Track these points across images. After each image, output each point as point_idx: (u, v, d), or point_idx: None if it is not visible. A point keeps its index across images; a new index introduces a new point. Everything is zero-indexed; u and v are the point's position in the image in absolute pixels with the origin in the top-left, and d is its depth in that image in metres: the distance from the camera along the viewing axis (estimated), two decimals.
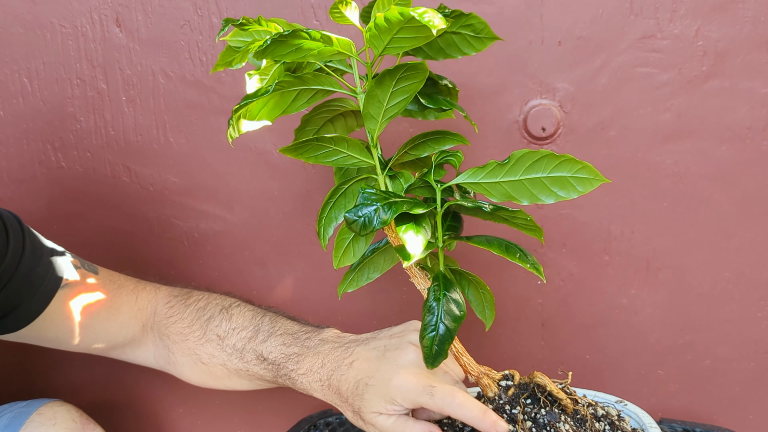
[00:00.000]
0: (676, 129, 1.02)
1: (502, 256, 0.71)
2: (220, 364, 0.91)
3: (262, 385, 0.93)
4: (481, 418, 0.72)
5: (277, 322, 0.91)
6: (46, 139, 1.11)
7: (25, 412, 0.89)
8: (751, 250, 1.05)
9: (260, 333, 0.90)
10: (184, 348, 0.93)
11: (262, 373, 0.89)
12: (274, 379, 0.89)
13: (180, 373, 0.96)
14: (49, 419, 0.88)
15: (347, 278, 0.81)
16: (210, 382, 0.95)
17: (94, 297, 0.92)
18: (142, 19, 1.07)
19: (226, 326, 0.91)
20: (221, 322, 0.92)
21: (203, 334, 0.92)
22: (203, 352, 0.92)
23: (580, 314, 1.10)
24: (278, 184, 1.10)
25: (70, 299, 0.89)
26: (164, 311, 0.95)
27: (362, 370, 0.80)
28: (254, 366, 0.89)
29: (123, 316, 0.94)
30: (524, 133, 1.04)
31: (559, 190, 0.68)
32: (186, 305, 0.95)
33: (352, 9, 0.69)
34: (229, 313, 0.93)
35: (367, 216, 0.67)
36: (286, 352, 0.87)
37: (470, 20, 0.70)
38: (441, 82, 0.77)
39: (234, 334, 0.91)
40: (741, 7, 0.98)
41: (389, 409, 0.77)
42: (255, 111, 0.68)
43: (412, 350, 0.78)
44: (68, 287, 0.89)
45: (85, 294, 0.91)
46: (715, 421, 1.11)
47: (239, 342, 0.90)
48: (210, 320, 0.92)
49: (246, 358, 0.90)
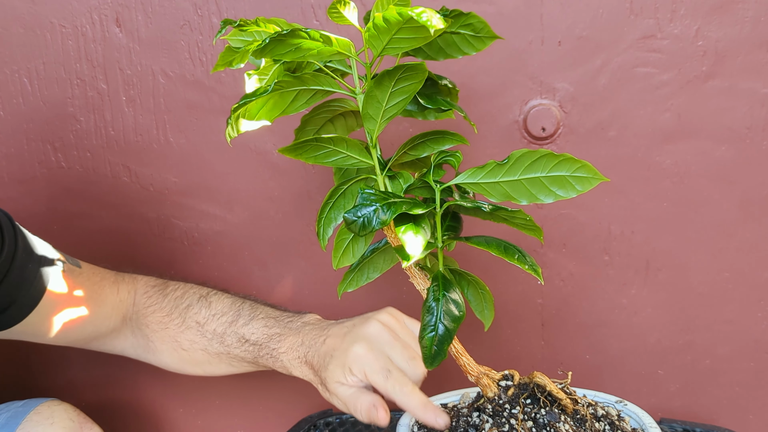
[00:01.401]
0: (676, 129, 1.02)
1: (501, 256, 0.71)
2: (200, 349, 0.95)
3: (243, 368, 0.97)
4: (422, 410, 0.76)
5: (257, 308, 0.96)
6: (46, 139, 1.11)
7: (22, 412, 0.89)
8: (751, 250, 1.05)
9: (241, 317, 0.94)
10: (164, 336, 0.97)
11: (242, 354, 0.93)
12: (255, 360, 0.93)
13: (159, 360, 0.99)
14: (46, 418, 0.88)
15: (347, 278, 0.81)
16: (189, 368, 0.99)
17: (81, 290, 0.94)
18: (142, 19, 1.07)
19: (205, 313, 0.96)
20: (200, 309, 0.96)
21: (182, 321, 0.96)
22: (183, 339, 0.95)
23: (580, 314, 1.10)
24: (278, 184, 1.10)
25: (61, 294, 0.91)
26: (143, 301, 0.98)
27: (331, 344, 0.85)
28: (235, 349, 0.93)
29: (107, 308, 0.96)
30: (524, 133, 1.04)
31: (558, 189, 0.68)
32: (164, 295, 0.98)
33: (350, 9, 0.69)
34: (208, 301, 0.97)
35: (366, 216, 0.66)
36: (268, 333, 0.92)
37: (470, 20, 0.69)
38: (441, 82, 0.77)
39: (214, 319, 0.95)
40: (741, 7, 0.97)
41: (348, 381, 0.81)
42: (254, 111, 0.68)
43: (375, 324, 0.84)
44: (58, 282, 0.91)
45: (73, 288, 0.93)
46: (715, 421, 1.11)
47: (219, 327, 0.94)
48: (189, 308, 0.96)
49: (227, 342, 0.94)
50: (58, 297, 0.91)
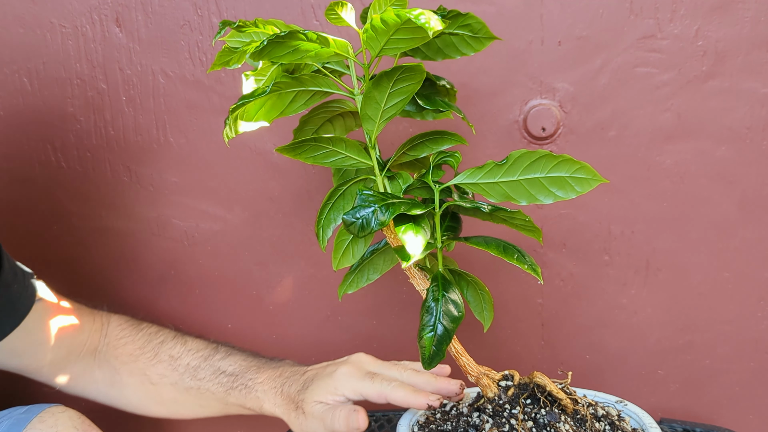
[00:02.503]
0: (676, 129, 1.02)
1: (500, 256, 0.71)
2: (170, 383, 0.95)
3: (209, 408, 0.97)
4: (414, 397, 0.78)
5: (235, 348, 0.98)
6: (46, 139, 1.11)
7: (25, 419, 0.88)
8: (751, 250, 1.05)
9: (218, 353, 0.96)
10: (133, 369, 0.97)
11: (214, 389, 0.93)
12: (225, 396, 0.93)
13: (121, 395, 0.98)
14: (50, 426, 0.87)
15: (347, 280, 0.81)
16: (153, 407, 0.98)
17: (62, 314, 0.96)
18: (142, 19, 1.07)
19: (180, 348, 0.97)
20: (175, 345, 0.97)
21: (155, 355, 0.96)
22: (153, 373, 0.96)
23: (580, 314, 1.10)
24: (278, 184, 1.10)
25: (43, 315, 0.93)
26: (116, 333, 0.99)
27: (313, 373, 0.88)
28: (208, 382, 0.94)
29: (84, 336, 0.97)
30: (524, 133, 1.04)
31: (558, 190, 0.68)
32: (138, 329, 0.99)
33: (347, 11, 0.69)
34: (183, 339, 0.98)
35: (365, 217, 0.66)
36: (247, 365, 0.94)
37: (468, 20, 0.69)
38: (439, 82, 0.77)
39: (189, 354, 0.96)
40: (741, 7, 0.97)
41: (329, 399, 0.82)
42: (252, 112, 0.68)
43: (358, 354, 0.87)
44: (41, 302, 0.93)
45: (55, 311, 0.95)
46: (715, 421, 1.11)
47: (194, 361, 0.95)
48: (163, 343, 0.97)
49: (200, 375, 0.94)
50: (42, 318, 0.92)
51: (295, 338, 1.15)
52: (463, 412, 0.77)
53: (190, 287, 1.15)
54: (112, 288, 1.15)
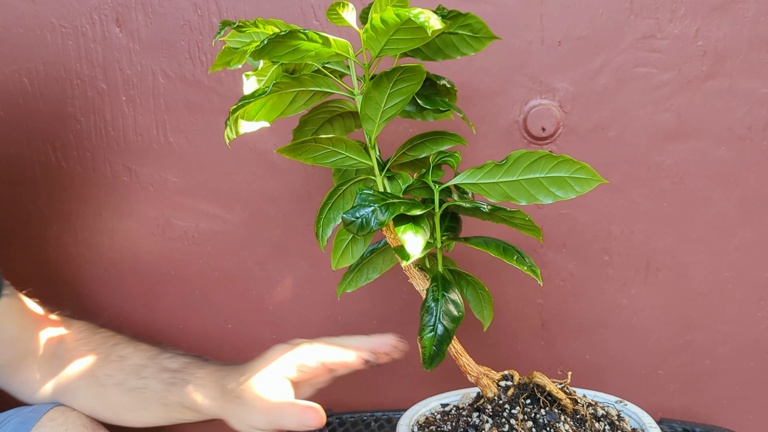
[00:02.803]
0: (676, 129, 1.02)
1: (500, 257, 0.71)
2: (116, 383, 0.93)
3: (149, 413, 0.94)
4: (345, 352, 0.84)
5: (187, 354, 0.96)
6: (46, 139, 1.11)
7: (33, 417, 0.88)
8: (751, 250, 1.05)
9: (166, 353, 0.95)
10: (84, 371, 0.95)
11: (156, 387, 0.91)
12: (166, 393, 0.91)
13: (73, 401, 0.95)
14: (60, 424, 0.88)
15: (346, 279, 0.81)
16: (101, 411, 0.95)
17: (26, 312, 0.96)
18: (142, 19, 1.07)
19: (131, 349, 0.95)
20: (127, 346, 0.96)
21: (106, 356, 0.95)
22: (102, 373, 0.94)
23: (580, 314, 1.10)
24: (278, 184, 1.10)
25: (7, 309, 0.93)
26: (73, 335, 0.98)
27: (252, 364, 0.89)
28: (151, 380, 0.92)
29: (43, 338, 0.96)
30: (524, 133, 1.04)
31: (557, 190, 0.68)
32: (95, 332, 0.99)
33: (349, 11, 0.69)
34: (137, 342, 0.97)
35: (364, 217, 0.66)
36: (189, 362, 0.93)
37: (468, 20, 0.69)
38: (439, 82, 0.77)
39: (137, 354, 0.95)
40: (741, 7, 0.97)
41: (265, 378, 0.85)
42: (252, 112, 0.68)
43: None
44: (8, 297, 0.93)
45: (20, 308, 0.95)
46: (715, 421, 1.11)
47: (141, 360, 0.94)
48: (116, 345, 0.96)
49: (144, 374, 0.92)
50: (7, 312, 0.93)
51: (294, 338, 1.15)
52: (463, 412, 0.77)
53: (190, 287, 1.15)
54: (112, 288, 1.16)
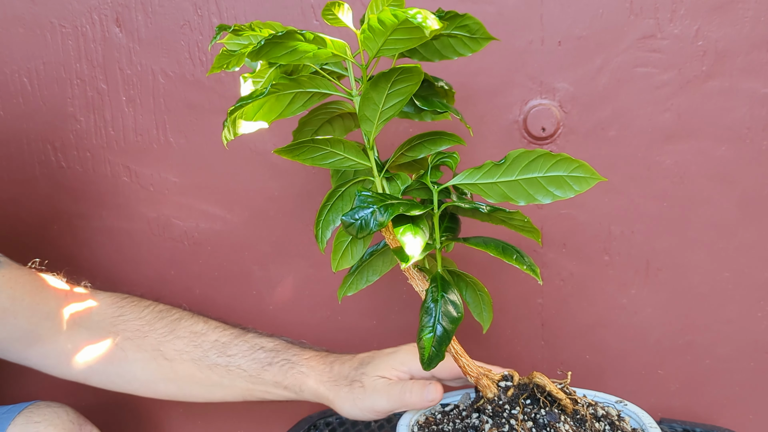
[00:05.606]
0: (676, 129, 1.02)
1: (499, 257, 0.71)
2: (191, 359, 0.91)
3: (227, 390, 0.92)
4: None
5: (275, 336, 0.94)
6: (46, 139, 1.11)
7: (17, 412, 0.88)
8: (751, 250, 1.05)
9: (250, 332, 0.92)
10: (142, 344, 0.92)
11: (246, 365, 0.89)
12: (260, 372, 0.89)
13: (125, 371, 0.93)
14: (46, 419, 0.88)
15: (346, 282, 0.81)
16: (162, 386, 0.93)
17: (24, 280, 0.90)
18: (142, 19, 1.07)
19: (203, 326, 0.93)
20: (197, 322, 0.93)
21: (170, 331, 0.92)
22: (169, 348, 0.91)
23: (580, 314, 1.10)
24: (278, 184, 1.10)
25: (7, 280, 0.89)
26: (111, 311, 0.94)
27: (366, 356, 0.87)
28: (240, 358, 0.90)
29: (50, 307, 0.91)
30: (524, 133, 1.04)
31: (556, 189, 0.68)
32: (142, 307, 0.95)
33: (344, 11, 0.68)
34: (204, 317, 0.94)
35: (363, 219, 0.66)
36: (286, 343, 0.91)
37: (465, 21, 0.69)
38: (437, 83, 0.77)
39: (215, 331, 0.92)
40: (741, 7, 0.97)
41: (393, 374, 0.82)
42: (251, 114, 0.68)
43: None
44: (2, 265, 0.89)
45: (17, 275, 0.90)
46: (715, 421, 1.11)
47: (224, 337, 0.91)
48: (179, 320, 0.93)
49: (230, 351, 0.90)
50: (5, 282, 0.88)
51: (294, 338, 1.15)
52: (463, 413, 0.77)
53: (190, 287, 1.15)
54: (112, 288, 1.15)
